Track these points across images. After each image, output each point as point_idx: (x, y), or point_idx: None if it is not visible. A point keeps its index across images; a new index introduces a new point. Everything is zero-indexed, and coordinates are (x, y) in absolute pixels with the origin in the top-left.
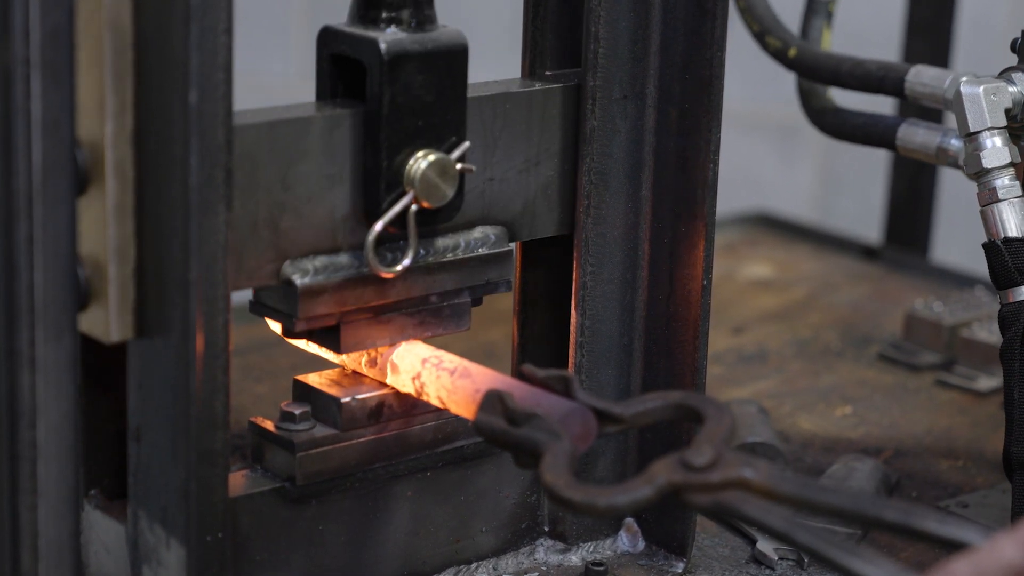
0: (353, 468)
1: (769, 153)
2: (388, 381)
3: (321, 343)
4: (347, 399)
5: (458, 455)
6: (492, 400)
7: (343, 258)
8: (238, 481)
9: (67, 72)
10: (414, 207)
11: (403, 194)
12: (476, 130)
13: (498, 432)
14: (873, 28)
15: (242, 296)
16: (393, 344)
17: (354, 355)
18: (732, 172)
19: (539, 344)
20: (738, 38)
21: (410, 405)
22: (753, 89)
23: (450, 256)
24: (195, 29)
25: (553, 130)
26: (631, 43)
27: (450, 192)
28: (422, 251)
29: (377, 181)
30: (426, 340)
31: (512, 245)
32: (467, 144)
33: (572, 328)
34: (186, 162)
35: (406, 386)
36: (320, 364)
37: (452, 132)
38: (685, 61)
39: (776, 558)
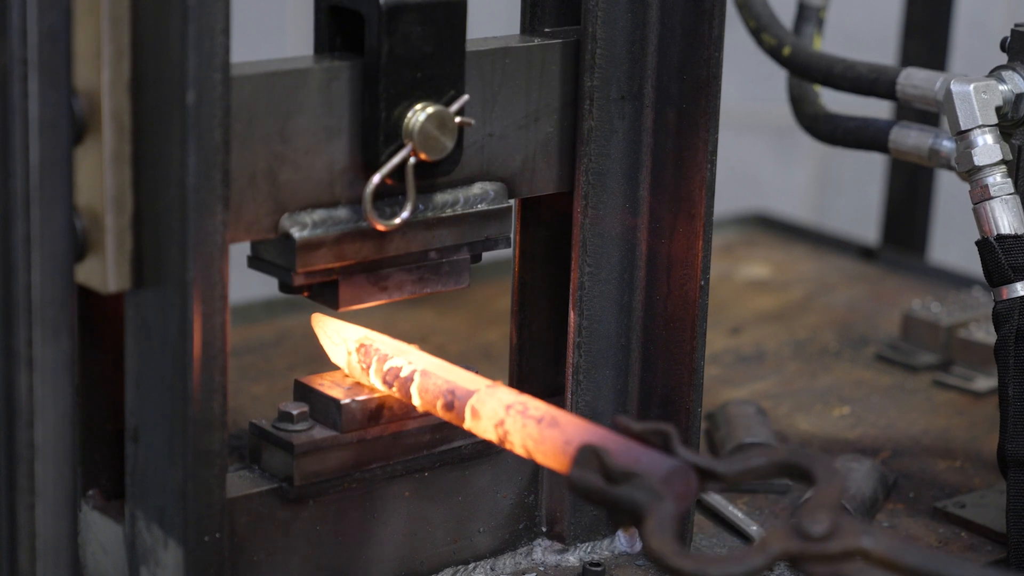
0: (351, 469)
1: (767, 153)
2: (466, 426)
3: (319, 299)
4: (347, 401)
5: (455, 456)
6: (587, 455)
7: (342, 211)
8: (235, 482)
9: (64, 72)
10: (413, 159)
11: (402, 146)
12: (475, 84)
13: (594, 490)
14: (869, 29)
15: (241, 297)
16: (394, 299)
17: (428, 398)
18: (730, 172)
19: (537, 345)
20: (736, 39)
21: (409, 407)
22: (751, 89)
23: (449, 211)
24: (192, 30)
25: (552, 86)
26: (629, 43)
27: (449, 145)
28: (421, 206)
29: (375, 133)
30: (424, 296)
31: (511, 201)
32: (466, 97)
33: (570, 328)
34: (184, 163)
35: (487, 432)
36: (318, 366)
37: (451, 85)
38: (683, 61)
39: None
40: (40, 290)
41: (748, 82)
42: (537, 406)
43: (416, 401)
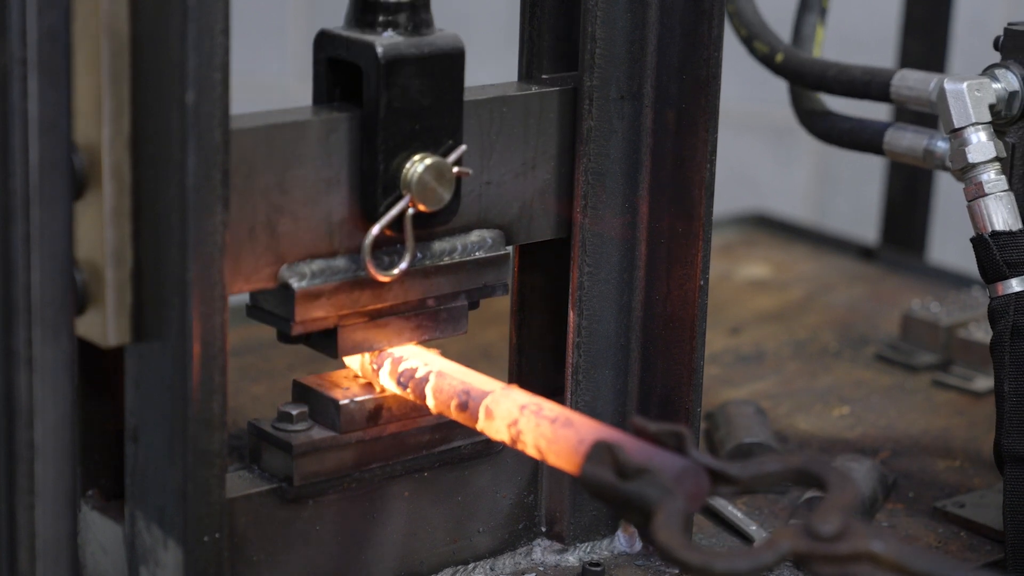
0: (350, 469)
1: (766, 154)
2: (479, 427)
3: (317, 347)
4: (346, 401)
5: (455, 456)
6: (600, 451)
7: (340, 262)
8: (235, 482)
9: (64, 72)
10: (411, 210)
11: (400, 197)
12: (473, 133)
13: (606, 485)
14: (869, 29)
15: (239, 297)
16: (392, 346)
17: (443, 399)
18: (729, 173)
19: (536, 345)
20: (735, 39)
21: (408, 407)
22: (750, 90)
23: (447, 260)
24: (192, 29)
25: (550, 133)
26: (628, 43)
27: (447, 196)
28: (419, 255)
29: (374, 184)
30: (423, 343)
31: (509, 249)
32: (464, 147)
33: (569, 329)
34: (183, 163)
35: (500, 432)
36: (318, 366)
37: (449, 136)
38: (682, 61)
39: None
40: (40, 290)
41: (747, 82)
42: (551, 407)
43: (430, 402)
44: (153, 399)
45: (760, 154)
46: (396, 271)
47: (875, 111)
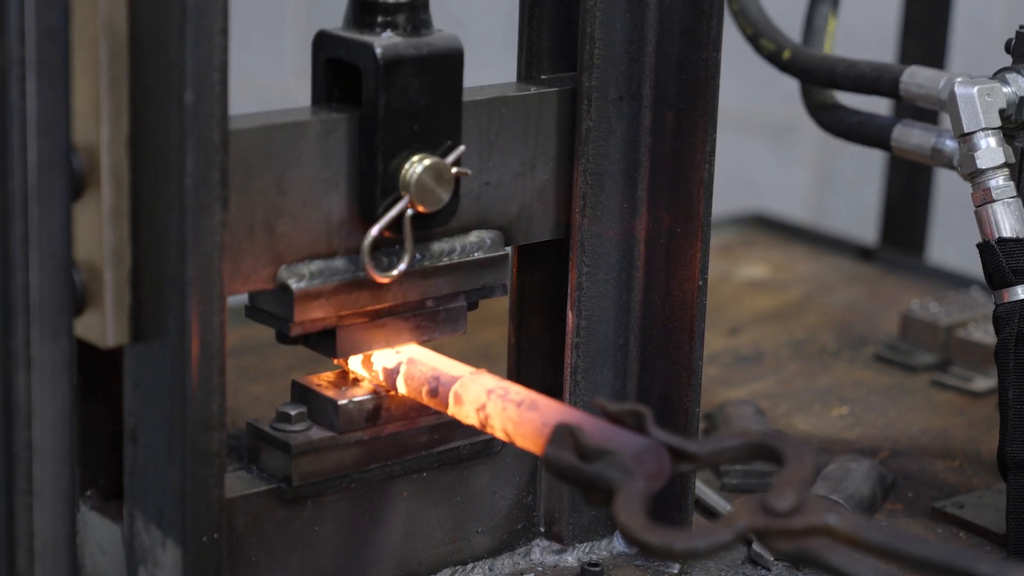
0: (349, 469)
1: (765, 154)
2: (450, 412)
3: (316, 348)
4: (344, 401)
5: (454, 456)
6: (562, 434)
7: (339, 262)
8: (234, 482)
9: (63, 72)
10: (410, 211)
11: (399, 198)
12: (472, 134)
13: (568, 468)
14: (868, 28)
15: (237, 297)
16: (391, 347)
17: (414, 385)
18: (728, 173)
19: (535, 345)
20: (734, 39)
21: (407, 407)
22: (749, 90)
23: (446, 260)
24: (191, 30)
25: (549, 134)
26: (627, 43)
27: (446, 196)
28: (418, 255)
29: (373, 185)
30: (422, 344)
31: (508, 249)
32: (463, 148)
33: (568, 329)
34: (182, 163)
35: (469, 417)
36: (317, 366)
37: (448, 136)
38: (681, 62)
39: (772, 559)
40: (38, 290)
41: (746, 82)
42: (518, 391)
43: (402, 388)
44: (152, 399)
45: (759, 154)
46: (395, 272)
47: (876, 106)
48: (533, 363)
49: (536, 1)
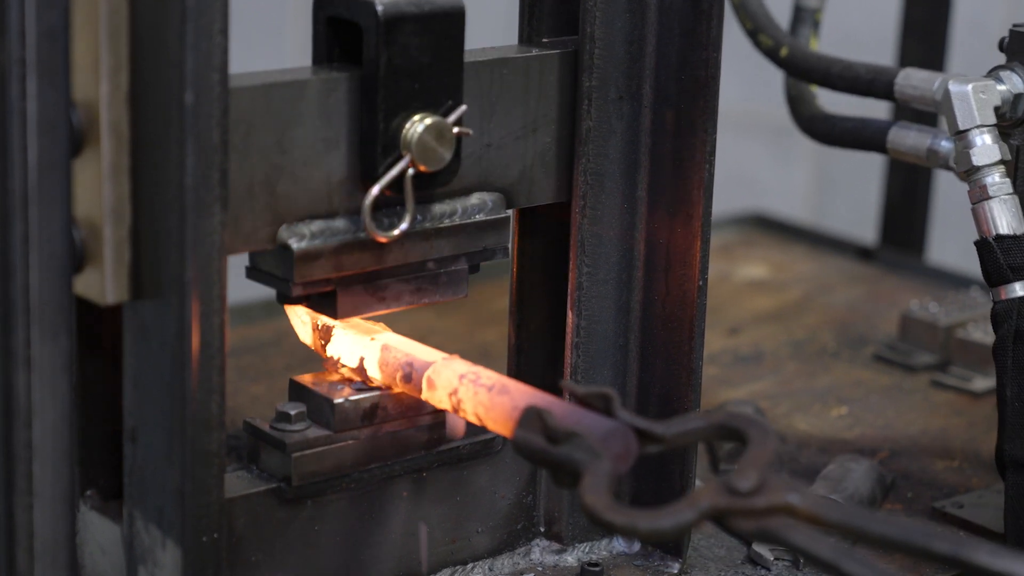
0: (348, 469)
1: (765, 154)
2: (423, 397)
3: (317, 309)
4: (340, 400)
5: (454, 456)
6: (531, 417)
7: (340, 222)
8: (233, 482)
9: (63, 72)
10: (411, 171)
11: (400, 158)
12: (473, 95)
13: (536, 450)
14: (868, 30)
15: (238, 296)
16: (392, 309)
17: (388, 371)
18: (728, 173)
19: (535, 345)
20: (734, 39)
21: (405, 407)
22: (749, 90)
23: (447, 222)
24: (190, 30)
25: (550, 96)
26: (627, 44)
27: (447, 156)
28: (419, 216)
29: (374, 145)
30: (423, 306)
31: (509, 212)
32: (464, 108)
33: (568, 329)
34: (182, 163)
35: (443, 402)
36: (316, 366)
37: (449, 96)
38: (681, 62)
39: (772, 559)
40: (38, 290)
41: (746, 83)
42: (489, 375)
43: (377, 375)
44: (151, 399)
45: (759, 155)
46: (396, 232)
47: (873, 111)
48: (533, 363)
49: None
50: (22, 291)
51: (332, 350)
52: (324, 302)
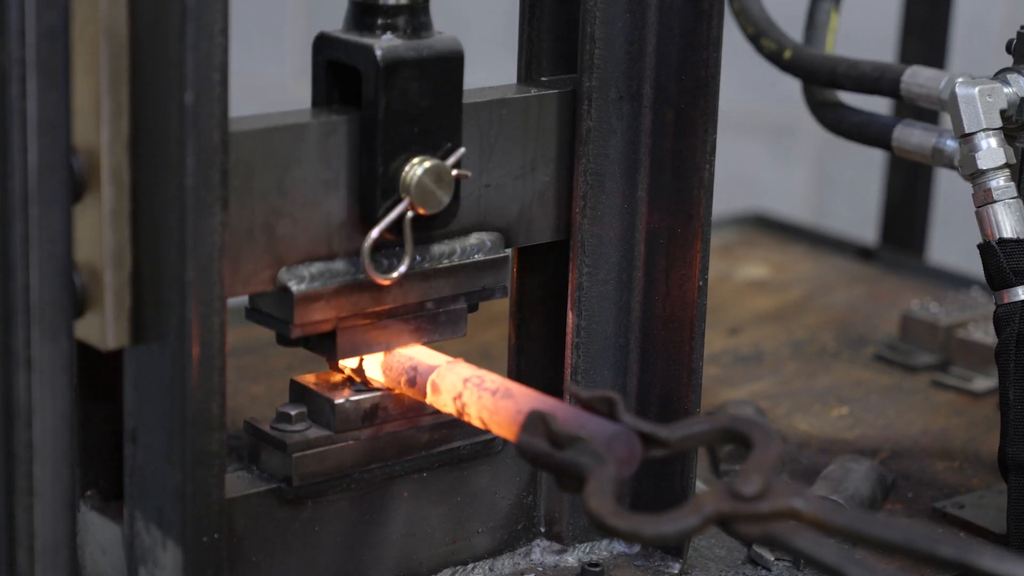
0: (349, 469)
1: (765, 154)
2: (428, 401)
3: (317, 350)
4: (341, 400)
5: (454, 456)
6: (535, 421)
7: (339, 264)
8: (234, 482)
9: (63, 73)
10: (410, 213)
11: (399, 200)
12: (472, 136)
13: (540, 455)
14: (868, 29)
15: (238, 299)
16: (391, 349)
17: (393, 375)
18: (728, 173)
19: (535, 346)
20: (734, 39)
21: (405, 407)
22: (749, 90)
23: (446, 262)
24: (191, 29)
25: (549, 136)
26: (627, 44)
27: (446, 198)
28: (418, 257)
29: (373, 187)
30: (423, 345)
31: (508, 251)
32: (463, 150)
33: (568, 329)
34: (182, 163)
35: (447, 406)
36: (316, 366)
37: (448, 138)
38: (681, 62)
39: (772, 559)
40: (38, 290)
41: (747, 83)
42: (493, 379)
43: (380, 378)
44: (152, 400)
45: (759, 155)
46: (395, 274)
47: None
48: (533, 363)
49: (536, 2)
50: (22, 291)
51: None
52: (324, 343)
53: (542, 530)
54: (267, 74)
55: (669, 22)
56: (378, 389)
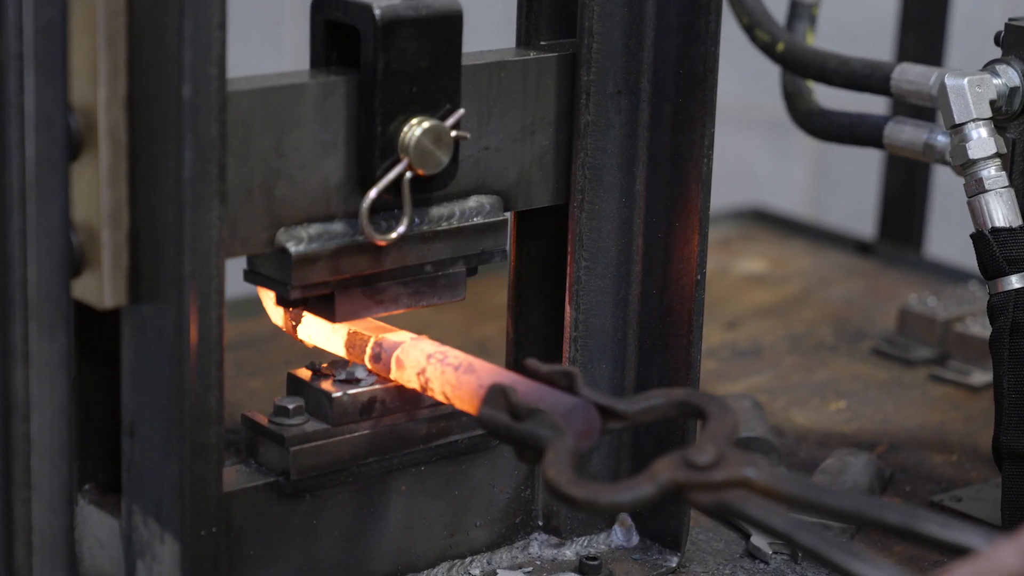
0: (347, 463)
1: (763, 148)
2: (392, 376)
3: (315, 312)
4: (338, 394)
5: (452, 449)
6: (496, 395)
7: (337, 226)
8: (232, 476)
9: (60, 68)
10: (408, 174)
11: (397, 161)
12: (471, 98)
13: (501, 427)
14: (866, 24)
15: (237, 291)
16: (390, 312)
17: (355, 352)
18: (726, 167)
19: (533, 339)
20: (732, 33)
21: (403, 400)
22: (747, 84)
23: (445, 225)
24: (189, 24)
25: (548, 99)
26: (625, 37)
27: (445, 159)
28: (417, 220)
29: (371, 148)
30: (420, 308)
31: (507, 215)
32: (462, 111)
33: (566, 323)
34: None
35: (411, 382)
36: (315, 360)
37: (447, 99)
38: (679, 56)
39: (770, 552)
40: (36, 285)
41: (745, 77)
42: (456, 355)
43: (345, 355)
44: (149, 393)
45: (757, 149)
46: (394, 235)
47: (872, 106)
48: (531, 357)
49: None
50: (20, 287)
51: (303, 332)
52: (322, 305)
53: (540, 524)
54: (265, 70)
55: (667, 16)
56: (375, 382)
